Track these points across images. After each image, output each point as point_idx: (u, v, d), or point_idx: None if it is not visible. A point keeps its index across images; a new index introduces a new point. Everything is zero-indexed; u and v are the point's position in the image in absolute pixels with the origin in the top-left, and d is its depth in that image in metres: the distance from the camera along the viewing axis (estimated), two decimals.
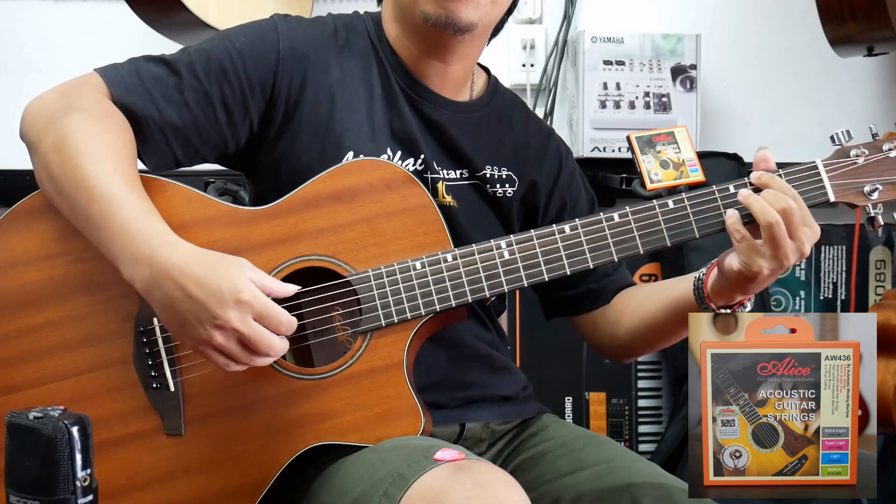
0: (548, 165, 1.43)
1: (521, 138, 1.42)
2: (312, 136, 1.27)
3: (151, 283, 1.09)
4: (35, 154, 1.18)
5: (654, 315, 1.34)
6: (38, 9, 2.20)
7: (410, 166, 1.30)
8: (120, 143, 1.17)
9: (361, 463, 1.12)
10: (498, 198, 1.37)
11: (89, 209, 1.12)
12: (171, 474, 1.17)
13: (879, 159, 1.19)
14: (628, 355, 1.44)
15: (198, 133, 1.24)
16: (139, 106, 1.20)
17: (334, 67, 1.29)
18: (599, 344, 1.45)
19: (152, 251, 1.09)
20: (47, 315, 1.18)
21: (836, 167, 1.19)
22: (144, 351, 1.18)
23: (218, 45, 1.25)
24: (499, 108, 1.42)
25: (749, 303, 1.23)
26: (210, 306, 1.06)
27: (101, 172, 1.12)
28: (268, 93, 1.26)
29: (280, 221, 1.20)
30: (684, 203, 1.20)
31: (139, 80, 1.22)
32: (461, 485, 0.98)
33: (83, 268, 1.18)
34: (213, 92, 1.23)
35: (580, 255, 1.20)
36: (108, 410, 1.17)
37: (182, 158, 1.25)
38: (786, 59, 2.37)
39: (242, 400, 1.18)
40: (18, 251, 1.19)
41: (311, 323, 1.21)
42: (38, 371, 1.17)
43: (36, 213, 1.20)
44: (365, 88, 1.30)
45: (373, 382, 1.18)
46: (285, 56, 1.26)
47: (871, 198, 1.18)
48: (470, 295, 1.19)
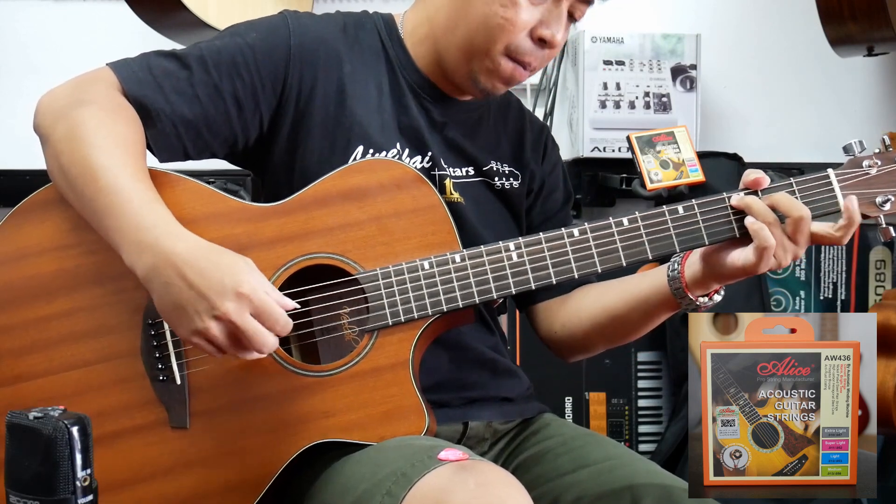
0: (540, 155, 1.45)
1: (519, 133, 1.43)
2: (323, 131, 1.27)
3: (152, 271, 1.09)
4: (46, 146, 1.19)
5: (620, 307, 1.33)
6: (38, 9, 2.20)
7: (418, 164, 1.30)
8: (129, 136, 1.17)
9: (364, 461, 1.12)
10: (506, 191, 1.38)
11: (96, 199, 1.12)
12: (175, 467, 1.17)
13: (892, 170, 1.19)
14: (579, 351, 1.42)
15: (208, 127, 1.24)
16: (150, 99, 1.21)
17: (345, 62, 1.30)
18: (549, 334, 1.43)
19: (156, 240, 1.09)
20: (57, 306, 1.18)
21: (848, 177, 1.19)
22: (152, 343, 1.18)
23: (229, 41, 1.26)
24: (496, 105, 1.43)
25: (722, 290, 1.26)
26: (209, 297, 1.06)
27: (108, 163, 1.13)
28: (279, 88, 1.26)
29: (290, 219, 1.20)
30: (694, 210, 1.20)
31: (150, 74, 1.22)
32: (464, 485, 0.98)
33: (95, 259, 1.19)
34: (223, 86, 1.23)
35: (588, 259, 1.20)
36: (115, 402, 1.17)
37: (192, 152, 1.26)
38: (786, 59, 2.37)
39: (248, 395, 1.18)
40: (31, 242, 1.20)
41: (319, 320, 1.21)
42: (46, 361, 1.18)
43: (49, 204, 1.20)
44: (374, 84, 1.31)
45: (378, 381, 1.18)
46: (296, 52, 1.27)
47: (884, 209, 1.18)
48: (477, 296, 1.20)
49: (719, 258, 1.21)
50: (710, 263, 1.22)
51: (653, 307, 1.30)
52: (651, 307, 1.30)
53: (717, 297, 1.26)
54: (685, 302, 1.25)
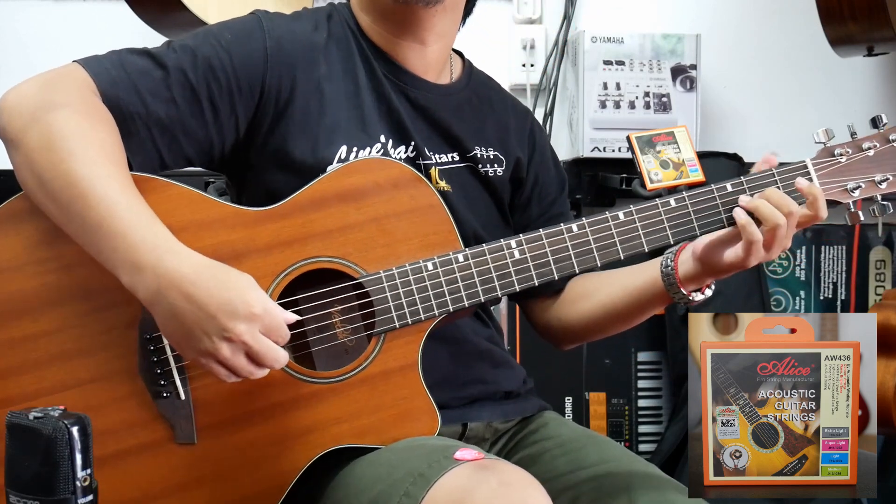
0: (528, 142, 1.45)
1: (502, 118, 1.42)
2: (304, 133, 1.25)
3: (156, 293, 1.05)
4: (16, 152, 1.11)
5: (614, 301, 1.37)
6: (38, 9, 2.20)
7: (402, 153, 1.29)
8: (108, 142, 1.12)
9: (378, 463, 1.12)
10: (490, 178, 1.37)
11: (85, 215, 1.07)
12: (186, 484, 1.14)
13: (861, 157, 1.26)
14: (574, 341, 1.46)
15: (184, 131, 1.20)
16: (125, 101, 1.16)
17: (320, 62, 1.28)
18: (546, 328, 1.46)
19: (158, 260, 1.05)
20: (43, 323, 1.13)
21: (823, 166, 1.26)
22: (152, 359, 1.14)
23: (203, 42, 1.22)
24: (478, 90, 1.42)
25: (713, 285, 1.31)
26: (220, 319, 1.04)
27: (94, 176, 1.07)
28: (256, 91, 1.23)
29: (286, 223, 1.18)
30: (685, 202, 1.24)
31: (125, 72, 1.17)
32: (486, 484, 0.98)
33: (79, 273, 1.13)
34: (200, 88, 1.20)
35: (588, 254, 1.22)
36: (115, 421, 1.13)
37: (166, 157, 1.21)
38: (786, 59, 2.37)
39: (255, 406, 1.15)
40: (7, 255, 1.13)
41: (323, 326, 1.20)
42: (36, 382, 1.12)
43: (23, 214, 1.13)
44: (351, 79, 1.29)
45: (388, 384, 1.18)
46: (273, 53, 1.24)
47: (854, 195, 1.26)
48: (482, 294, 1.20)
49: (711, 254, 1.25)
50: (703, 259, 1.26)
51: (646, 301, 1.34)
52: (645, 301, 1.34)
53: (709, 292, 1.31)
54: (678, 296, 1.29)
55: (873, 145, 1.26)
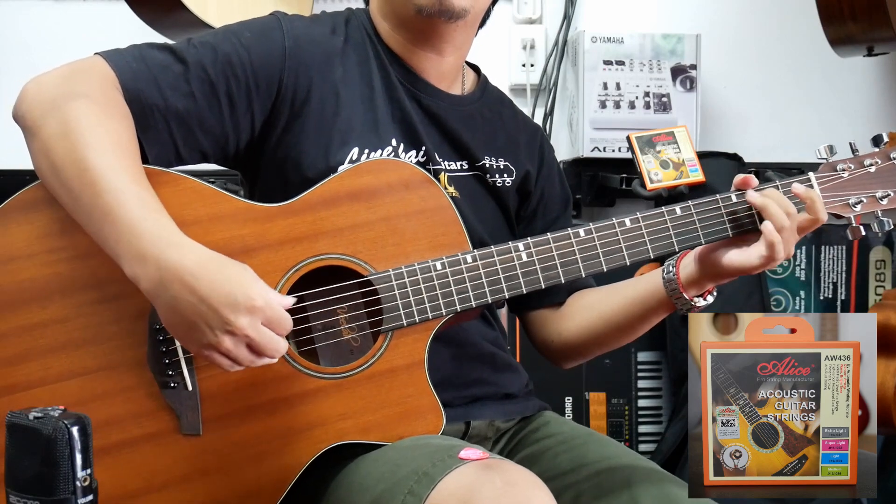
0: (537, 157, 1.46)
1: (512, 132, 1.44)
2: (318, 134, 1.27)
3: (158, 285, 1.06)
4: (34, 139, 1.13)
5: (616, 311, 1.37)
6: (38, 9, 2.20)
7: (413, 158, 1.30)
8: (124, 136, 1.14)
9: (381, 461, 1.12)
10: (498, 188, 1.38)
11: (94, 203, 1.08)
12: (189, 475, 1.14)
13: (863, 174, 1.28)
14: (574, 357, 1.45)
15: (201, 125, 1.22)
16: (145, 93, 1.18)
17: (337, 65, 1.29)
18: (546, 343, 1.45)
19: (161, 252, 1.06)
20: (51, 311, 1.13)
21: (826, 180, 1.28)
22: (160, 350, 1.15)
23: (223, 39, 1.24)
24: (490, 104, 1.43)
25: (715, 290, 1.32)
26: (222, 312, 1.04)
27: (107, 165, 1.09)
28: (273, 90, 1.25)
29: (297, 219, 1.19)
30: (691, 210, 1.25)
31: (146, 66, 1.19)
32: (491, 483, 0.98)
33: (90, 262, 1.14)
34: (218, 84, 1.22)
35: (594, 259, 1.24)
36: (121, 411, 1.14)
37: (182, 150, 1.23)
38: (786, 59, 2.37)
39: (261, 399, 1.16)
40: (20, 244, 1.14)
41: (330, 322, 1.21)
42: (42, 370, 1.13)
43: (38, 203, 1.15)
44: (366, 83, 1.31)
45: (394, 381, 1.18)
46: (291, 54, 1.26)
47: (855, 209, 1.28)
48: (490, 295, 1.21)
49: (715, 258, 1.25)
50: (706, 264, 1.27)
51: (649, 310, 1.34)
52: (647, 310, 1.34)
53: (710, 298, 1.31)
54: (681, 302, 1.30)
55: (875, 162, 1.28)
